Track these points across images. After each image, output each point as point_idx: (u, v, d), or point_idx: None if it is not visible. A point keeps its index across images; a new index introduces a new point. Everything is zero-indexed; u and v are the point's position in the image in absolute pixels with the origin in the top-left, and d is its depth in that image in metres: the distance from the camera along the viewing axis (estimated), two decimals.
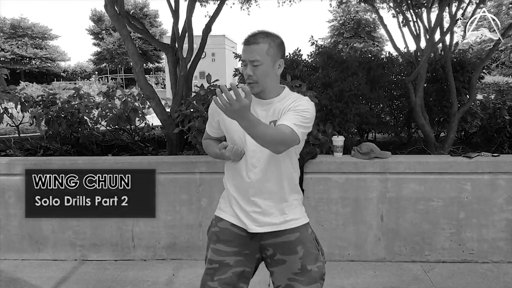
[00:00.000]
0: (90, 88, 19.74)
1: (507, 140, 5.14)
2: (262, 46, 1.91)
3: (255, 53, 1.90)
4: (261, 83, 1.95)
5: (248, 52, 1.91)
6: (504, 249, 3.71)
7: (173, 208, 3.83)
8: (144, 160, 3.86)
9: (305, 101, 1.97)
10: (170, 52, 4.97)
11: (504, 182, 3.63)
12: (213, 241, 2.10)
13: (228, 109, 1.63)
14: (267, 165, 1.99)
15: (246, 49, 1.92)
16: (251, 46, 1.91)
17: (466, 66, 5.46)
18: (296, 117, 1.87)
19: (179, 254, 3.88)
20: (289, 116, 1.88)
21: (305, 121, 1.90)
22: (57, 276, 3.63)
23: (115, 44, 40.22)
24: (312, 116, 1.95)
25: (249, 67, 1.92)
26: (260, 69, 1.91)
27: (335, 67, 5.17)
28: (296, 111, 1.90)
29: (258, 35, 1.92)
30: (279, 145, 1.81)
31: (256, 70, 1.91)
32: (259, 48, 1.90)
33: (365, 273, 3.58)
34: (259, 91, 1.96)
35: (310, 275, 2.01)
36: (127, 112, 4.92)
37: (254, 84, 1.94)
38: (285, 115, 1.91)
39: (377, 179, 3.71)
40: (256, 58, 1.90)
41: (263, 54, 1.91)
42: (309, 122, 1.93)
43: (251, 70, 1.92)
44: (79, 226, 3.89)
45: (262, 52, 1.90)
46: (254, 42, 1.90)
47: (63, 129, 4.72)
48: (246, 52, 1.92)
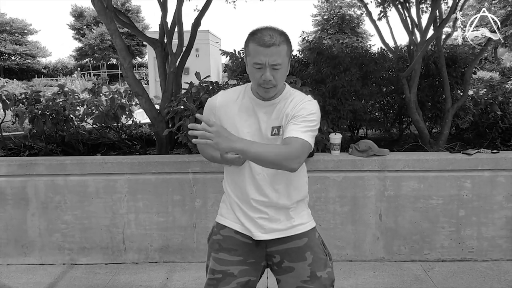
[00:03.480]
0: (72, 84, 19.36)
1: (499, 135, 5.12)
2: (282, 48, 1.73)
3: (276, 56, 1.71)
4: (278, 86, 1.80)
5: (268, 55, 1.70)
6: (503, 247, 3.66)
7: (165, 209, 3.70)
8: (134, 159, 3.71)
9: (308, 103, 1.84)
10: (159, 47, 4.81)
11: (504, 179, 3.58)
12: (215, 250, 1.97)
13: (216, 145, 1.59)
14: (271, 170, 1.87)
15: (264, 51, 1.70)
16: (271, 49, 1.70)
17: (458, 62, 5.42)
18: (302, 124, 1.76)
19: (172, 256, 3.75)
20: (295, 126, 1.76)
21: (312, 125, 1.79)
22: (45, 281, 3.47)
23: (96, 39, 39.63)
24: (318, 118, 1.84)
25: (269, 71, 1.73)
26: (280, 72, 1.76)
27: (327, 63, 5.08)
28: (301, 118, 1.78)
29: (275, 35, 1.71)
30: (289, 160, 1.68)
31: (277, 73, 1.74)
32: (280, 50, 1.72)
33: (364, 273, 3.50)
34: (274, 94, 1.82)
35: (320, 282, 1.90)
36: (114, 109, 4.75)
37: (272, 89, 1.78)
38: (291, 124, 1.78)
39: (375, 177, 3.62)
40: (278, 62, 1.72)
41: (284, 56, 1.74)
42: (316, 125, 1.82)
43: (271, 74, 1.74)
44: (67, 229, 3.73)
45: (283, 54, 1.74)
46: (275, 43, 1.70)
47: (48, 127, 4.53)
48: (264, 54, 1.70)
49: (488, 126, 5.27)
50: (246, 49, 1.78)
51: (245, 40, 1.80)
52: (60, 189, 3.70)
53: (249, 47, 1.75)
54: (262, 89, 1.78)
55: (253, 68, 1.75)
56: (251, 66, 1.76)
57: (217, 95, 1.97)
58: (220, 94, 1.97)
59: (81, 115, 4.81)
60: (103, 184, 3.69)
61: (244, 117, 1.87)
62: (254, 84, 1.80)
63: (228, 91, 1.98)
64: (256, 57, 1.72)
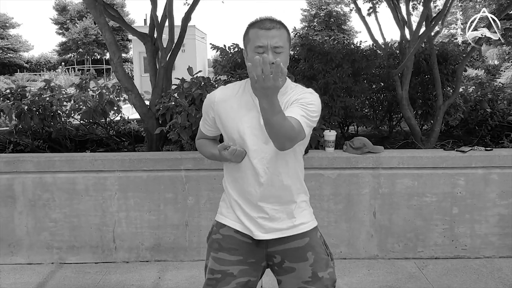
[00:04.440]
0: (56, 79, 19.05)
1: (488, 133, 5.15)
2: (282, 32, 1.73)
3: (278, 38, 1.71)
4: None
5: (270, 37, 1.70)
6: (496, 244, 3.68)
7: (157, 207, 3.63)
8: (125, 156, 3.64)
9: (310, 94, 1.81)
10: (149, 42, 4.72)
11: (497, 176, 3.59)
12: (215, 249, 1.92)
13: (259, 82, 1.44)
14: (272, 165, 1.83)
15: (266, 33, 1.70)
16: (272, 31, 1.70)
17: (448, 59, 5.44)
18: (302, 110, 1.71)
19: (164, 255, 3.68)
20: (294, 108, 1.71)
21: (311, 115, 1.74)
22: (33, 281, 3.38)
23: (80, 34, 39.05)
24: (318, 110, 1.80)
25: (271, 54, 1.70)
26: (283, 56, 1.73)
27: (319, 59, 5.04)
28: (301, 104, 1.73)
29: (275, 21, 1.73)
30: (288, 141, 1.64)
31: (279, 58, 1.68)
32: (280, 33, 1.72)
33: (359, 271, 3.48)
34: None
35: (322, 283, 1.86)
36: (102, 105, 4.66)
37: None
38: (290, 107, 1.74)
39: (369, 175, 3.60)
40: (279, 44, 1.71)
41: (285, 40, 1.74)
42: (315, 117, 1.77)
43: (274, 57, 1.69)
44: (56, 228, 3.64)
45: (284, 38, 1.73)
46: (274, 27, 1.71)
47: (35, 123, 4.42)
48: (266, 37, 1.70)
49: (478, 123, 5.29)
50: (246, 38, 1.77)
51: (244, 32, 1.79)
52: (49, 186, 3.60)
53: (249, 34, 1.75)
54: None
55: (255, 53, 1.71)
56: (252, 52, 1.73)
57: (216, 91, 1.92)
58: (219, 89, 1.92)
59: (68, 110, 4.71)
60: (93, 181, 3.61)
61: (244, 112, 1.83)
62: None
63: (227, 86, 1.94)
64: (257, 41, 1.71)
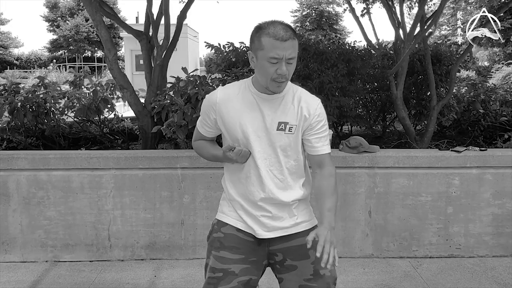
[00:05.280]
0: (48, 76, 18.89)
1: (481, 133, 5.20)
2: (296, 42, 1.71)
3: (292, 49, 1.69)
4: (289, 80, 1.80)
5: (286, 48, 1.67)
6: (489, 243, 3.71)
7: (152, 206, 3.62)
8: (121, 154, 3.62)
9: (321, 109, 1.89)
10: (144, 39, 4.70)
11: (491, 176, 3.62)
12: (216, 248, 1.91)
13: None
14: (275, 166, 1.85)
15: (282, 45, 1.67)
16: (288, 42, 1.67)
17: (442, 59, 5.48)
18: (324, 135, 1.88)
19: (159, 254, 3.67)
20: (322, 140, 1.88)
21: (327, 132, 1.90)
22: (27, 279, 3.35)
23: (71, 31, 38.77)
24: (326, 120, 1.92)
25: (284, 65, 1.70)
26: (293, 66, 1.74)
27: (314, 58, 5.05)
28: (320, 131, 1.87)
29: (288, 29, 1.70)
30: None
31: (290, 67, 1.73)
32: (294, 44, 1.70)
33: (354, 270, 3.50)
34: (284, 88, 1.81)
35: (323, 280, 1.87)
36: (96, 102, 4.63)
37: (284, 83, 1.76)
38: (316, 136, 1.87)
39: (365, 174, 3.62)
40: (293, 56, 1.70)
41: (296, 49, 1.73)
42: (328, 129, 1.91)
43: (286, 68, 1.71)
44: (51, 225, 3.61)
45: (296, 48, 1.72)
46: (290, 37, 1.68)
47: (28, 120, 4.39)
48: (282, 48, 1.67)
49: (470, 124, 5.34)
50: (257, 43, 1.72)
51: (253, 35, 1.75)
52: (43, 184, 3.57)
53: (262, 41, 1.69)
54: (275, 84, 1.74)
55: (268, 63, 1.70)
56: (264, 60, 1.71)
57: (217, 91, 1.90)
58: (219, 89, 1.91)
59: (62, 108, 4.67)
60: (88, 179, 3.58)
61: (247, 112, 1.83)
62: (266, 79, 1.74)
63: (227, 87, 1.92)
64: (272, 51, 1.68)
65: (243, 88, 1.88)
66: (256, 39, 1.73)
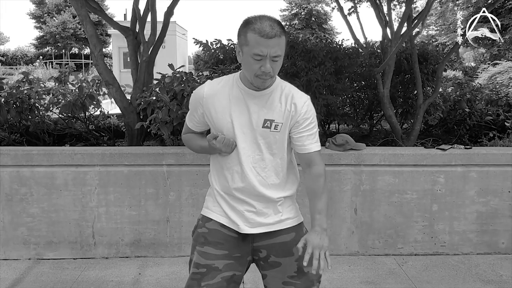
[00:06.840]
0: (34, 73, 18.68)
1: (466, 132, 5.24)
2: (282, 39, 1.68)
3: (277, 47, 1.67)
4: (275, 77, 1.79)
5: (270, 46, 1.64)
6: (474, 241, 3.74)
7: (138, 203, 3.58)
8: (106, 151, 3.58)
9: (309, 105, 1.86)
10: (131, 35, 4.66)
11: (476, 174, 3.65)
12: (200, 243, 1.90)
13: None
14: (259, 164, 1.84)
15: (266, 42, 1.64)
16: (273, 40, 1.64)
17: (429, 59, 5.51)
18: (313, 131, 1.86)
19: (144, 251, 3.64)
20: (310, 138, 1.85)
21: (316, 129, 1.88)
22: (9, 277, 3.30)
23: (58, 27, 38.37)
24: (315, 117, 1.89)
25: (268, 62, 1.67)
26: (279, 63, 1.71)
27: (301, 56, 5.05)
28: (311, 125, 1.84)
29: (275, 26, 1.66)
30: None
31: (275, 65, 1.70)
32: (281, 41, 1.67)
33: (339, 267, 3.50)
34: (269, 84, 1.79)
35: (307, 278, 1.87)
36: (82, 98, 4.58)
37: (269, 80, 1.74)
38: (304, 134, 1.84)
39: (351, 171, 3.62)
40: (278, 54, 1.67)
41: (283, 47, 1.70)
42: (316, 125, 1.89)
43: (271, 65, 1.69)
44: (34, 223, 3.56)
45: (282, 45, 1.69)
46: (276, 34, 1.64)
47: (12, 116, 4.32)
48: (266, 46, 1.64)
49: (456, 122, 5.38)
50: (243, 38, 1.70)
51: (240, 29, 1.73)
52: (26, 180, 3.52)
53: (248, 37, 1.67)
54: (259, 80, 1.72)
55: (252, 59, 1.68)
56: (249, 56, 1.69)
57: (204, 86, 1.89)
58: (207, 84, 1.89)
59: (47, 104, 4.62)
60: (72, 176, 3.54)
61: (234, 107, 1.81)
62: (250, 75, 1.73)
63: (215, 81, 1.91)
64: (256, 48, 1.66)
65: (230, 83, 1.86)
66: (242, 34, 1.71)
